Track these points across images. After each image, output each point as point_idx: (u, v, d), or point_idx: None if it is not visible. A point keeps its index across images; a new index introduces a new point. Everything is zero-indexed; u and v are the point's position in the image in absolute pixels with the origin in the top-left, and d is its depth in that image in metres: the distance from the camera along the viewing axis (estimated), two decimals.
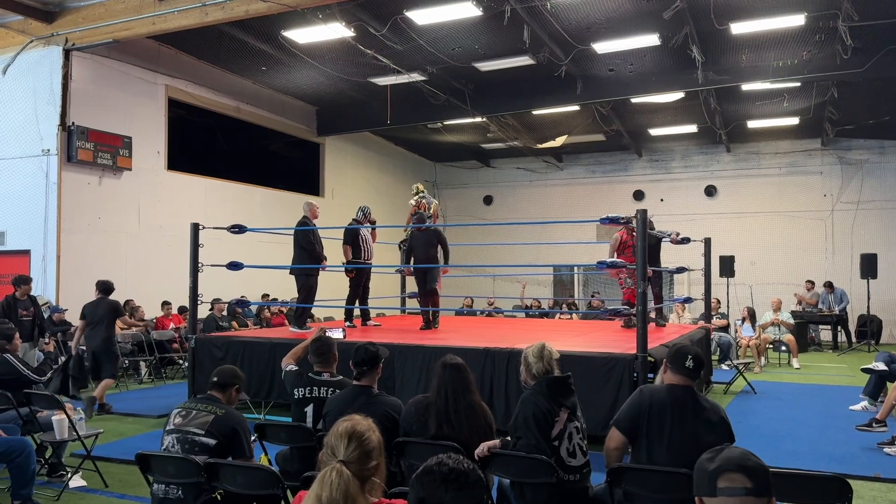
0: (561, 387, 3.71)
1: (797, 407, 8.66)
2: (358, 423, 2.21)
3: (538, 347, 3.81)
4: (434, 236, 9.02)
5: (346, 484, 2.00)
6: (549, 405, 3.61)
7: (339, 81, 13.67)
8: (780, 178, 17.93)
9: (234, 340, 8.34)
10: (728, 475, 1.60)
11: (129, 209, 12.29)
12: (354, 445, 2.13)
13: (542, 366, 3.74)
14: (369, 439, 2.17)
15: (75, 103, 11.28)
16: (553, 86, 13.24)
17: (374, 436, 2.20)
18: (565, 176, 20.34)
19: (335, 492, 1.97)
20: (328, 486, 1.99)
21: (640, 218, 6.54)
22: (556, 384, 3.70)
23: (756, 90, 13.67)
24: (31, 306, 9.02)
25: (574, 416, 3.69)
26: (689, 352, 3.55)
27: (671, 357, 3.58)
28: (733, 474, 1.60)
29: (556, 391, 3.68)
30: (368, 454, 2.14)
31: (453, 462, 1.81)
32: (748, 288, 16.98)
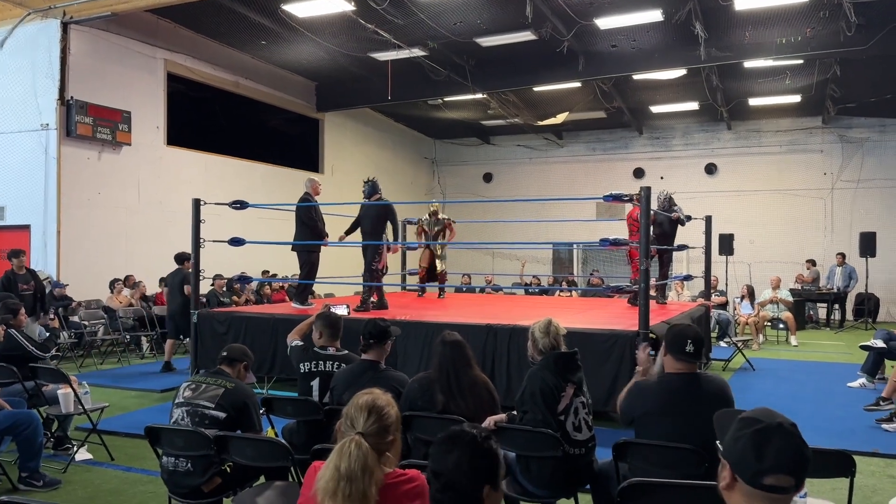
0: (567, 362, 3.74)
1: (795, 383, 8.73)
2: (378, 398, 2.23)
3: (545, 323, 3.83)
4: (384, 211, 8.62)
5: (364, 455, 2.02)
6: (555, 380, 3.64)
7: (339, 56, 13.57)
8: (780, 156, 17.90)
9: (237, 316, 8.36)
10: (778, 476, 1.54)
11: (129, 184, 12.25)
12: (374, 419, 2.15)
13: (549, 341, 3.77)
14: (388, 414, 2.19)
15: (74, 77, 11.20)
16: (555, 62, 13.16)
17: (393, 411, 2.22)
18: (566, 153, 20.28)
19: (353, 463, 2.00)
20: (346, 457, 2.01)
21: (644, 195, 6.55)
22: (562, 360, 3.73)
23: (758, 67, 13.60)
24: (31, 280, 9.00)
25: (580, 391, 3.72)
26: (689, 335, 3.39)
27: (670, 342, 3.43)
28: (784, 476, 1.54)
29: (562, 366, 3.70)
30: (386, 428, 2.16)
31: (469, 428, 1.84)
32: (747, 266, 17.03)
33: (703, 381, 3.39)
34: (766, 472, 1.56)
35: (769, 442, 1.58)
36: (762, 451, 1.57)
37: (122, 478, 5.13)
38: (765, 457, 1.57)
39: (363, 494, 1.97)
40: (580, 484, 3.70)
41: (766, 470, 1.56)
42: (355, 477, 1.98)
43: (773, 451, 1.56)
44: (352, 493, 1.96)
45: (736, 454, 1.61)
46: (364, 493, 1.97)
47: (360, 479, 1.98)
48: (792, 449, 1.57)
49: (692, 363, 3.39)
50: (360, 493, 1.97)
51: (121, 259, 11.93)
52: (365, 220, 8.63)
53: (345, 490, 1.96)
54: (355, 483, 1.97)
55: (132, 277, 11.72)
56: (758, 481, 1.56)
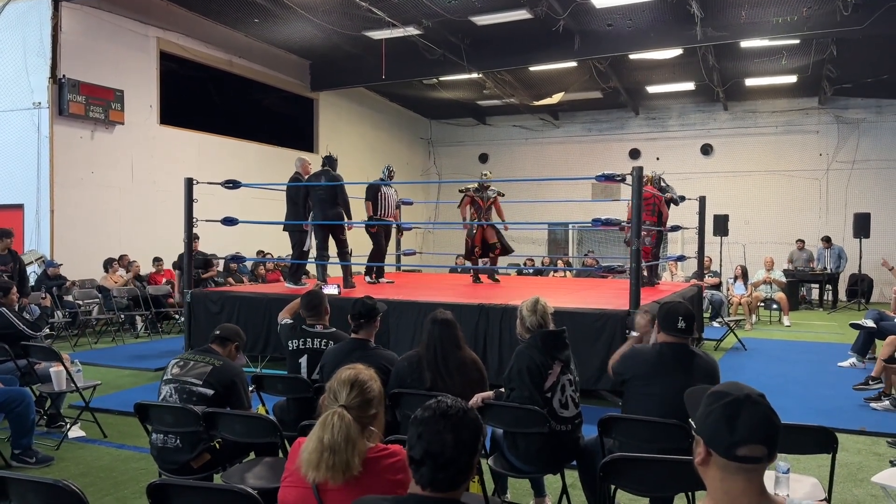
0: (555, 340, 3.76)
1: (786, 363, 8.79)
2: (361, 372, 2.26)
3: (532, 301, 3.86)
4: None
5: (347, 427, 2.06)
6: (542, 358, 3.67)
7: (333, 35, 13.47)
8: (776, 136, 17.87)
9: (230, 295, 8.38)
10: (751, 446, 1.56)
11: (122, 164, 12.20)
12: (356, 393, 2.18)
13: (536, 319, 3.79)
14: (371, 388, 2.22)
15: (66, 55, 11.11)
16: (550, 41, 13.08)
17: (376, 385, 2.25)
18: (561, 134, 20.23)
19: (336, 434, 2.03)
20: (330, 428, 2.05)
21: (636, 175, 6.55)
22: (549, 338, 3.76)
23: (755, 47, 13.54)
24: (10, 261, 8.83)
25: (567, 369, 3.75)
26: (680, 311, 3.55)
27: (662, 318, 3.59)
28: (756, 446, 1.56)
29: (549, 344, 3.73)
30: (369, 402, 2.20)
31: (451, 401, 1.86)
32: (741, 247, 17.07)
33: (695, 355, 3.55)
34: (738, 443, 1.58)
35: (740, 413, 1.60)
36: (734, 423, 1.59)
37: (114, 455, 5.17)
38: (736, 428, 1.59)
39: (346, 464, 2.00)
40: (566, 460, 3.74)
41: (739, 441, 1.58)
42: (338, 448, 2.02)
43: (745, 422, 1.59)
44: (335, 464, 2.00)
45: (708, 428, 1.63)
46: (347, 462, 2.01)
47: (343, 449, 2.02)
48: (762, 418, 1.60)
49: (684, 338, 3.55)
50: (343, 463, 2.00)
51: (114, 238, 11.92)
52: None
53: (328, 461, 2.00)
54: (338, 454, 2.00)
55: (126, 257, 11.71)
56: (731, 453, 1.59)
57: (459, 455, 1.79)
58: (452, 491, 1.81)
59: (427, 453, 1.79)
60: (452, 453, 1.78)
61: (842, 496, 4.46)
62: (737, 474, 1.61)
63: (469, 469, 1.82)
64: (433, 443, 1.79)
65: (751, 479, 1.61)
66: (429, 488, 1.80)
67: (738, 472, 1.60)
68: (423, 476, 1.81)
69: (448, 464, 1.79)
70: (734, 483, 1.61)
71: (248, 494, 2.41)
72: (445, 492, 1.81)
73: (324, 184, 8.39)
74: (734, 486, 1.61)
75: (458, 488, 1.82)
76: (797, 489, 3.29)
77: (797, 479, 3.38)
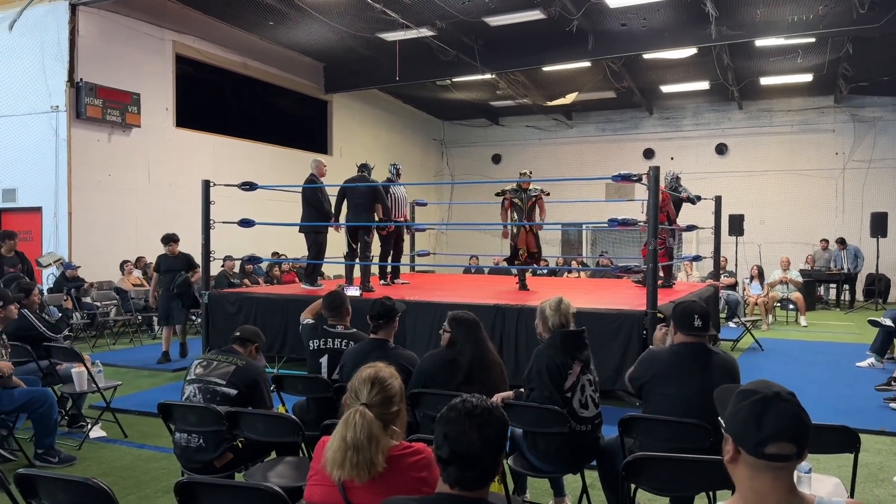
0: (574, 340, 3.77)
1: (804, 363, 8.75)
2: (381, 370, 2.28)
3: (555, 301, 3.85)
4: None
5: (369, 424, 2.08)
6: (562, 358, 3.68)
7: (346, 37, 13.52)
8: (791, 136, 17.76)
9: (248, 296, 8.44)
10: (779, 444, 1.55)
11: (139, 166, 12.31)
12: (377, 390, 2.20)
13: (559, 319, 3.79)
14: (391, 385, 2.24)
15: (83, 59, 11.23)
16: (564, 41, 13.07)
17: (396, 382, 2.27)
18: (575, 134, 20.20)
19: (359, 432, 2.05)
20: (352, 426, 2.07)
21: (653, 175, 6.54)
22: (569, 337, 3.76)
23: (770, 46, 13.47)
24: (18, 263, 8.86)
25: (587, 369, 3.75)
26: (696, 310, 3.52)
27: (678, 318, 3.55)
28: (785, 444, 1.55)
29: (570, 344, 3.74)
30: (390, 399, 2.22)
31: (477, 400, 1.88)
32: (757, 247, 16.97)
33: (712, 354, 3.51)
34: (767, 440, 1.58)
35: (768, 411, 1.60)
36: (761, 420, 1.59)
37: (135, 454, 5.22)
38: (764, 425, 1.59)
39: (370, 462, 2.02)
40: (586, 460, 3.75)
41: (767, 438, 1.58)
42: (361, 446, 2.04)
43: (773, 419, 1.59)
44: (359, 462, 2.02)
45: (737, 426, 1.63)
46: (371, 460, 2.02)
47: (366, 447, 2.04)
48: (790, 416, 1.59)
49: (701, 336, 3.52)
50: (367, 461, 2.02)
51: (131, 240, 12.02)
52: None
53: (352, 459, 2.01)
54: (362, 452, 2.02)
55: (143, 259, 11.81)
56: (760, 451, 1.59)
57: (486, 454, 1.81)
58: (479, 489, 1.83)
59: (454, 453, 1.80)
60: (479, 452, 1.80)
61: (863, 496, 4.43)
62: (765, 472, 1.61)
63: (495, 467, 1.84)
64: (459, 442, 1.80)
65: (779, 476, 1.61)
66: (456, 487, 1.82)
67: (767, 471, 1.61)
68: (450, 475, 1.82)
69: (475, 463, 1.80)
70: (762, 481, 1.61)
71: (274, 492, 2.44)
72: (472, 490, 1.83)
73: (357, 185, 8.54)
74: (763, 485, 1.61)
75: (485, 486, 1.84)
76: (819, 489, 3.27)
77: (819, 479, 3.36)
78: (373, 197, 8.53)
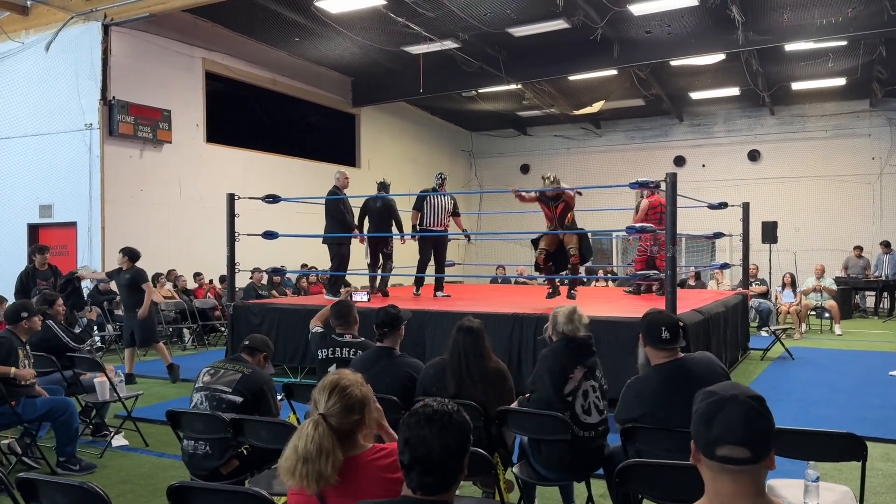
0: (578, 347, 3.75)
1: (835, 372, 8.54)
2: (343, 377, 2.24)
3: (570, 310, 3.83)
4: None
5: (320, 437, 2.05)
6: (564, 362, 3.67)
7: (372, 51, 13.68)
8: (826, 141, 17.41)
9: (271, 307, 8.55)
10: (729, 447, 1.53)
11: (170, 181, 12.57)
12: (335, 399, 2.16)
13: (571, 327, 3.77)
14: (352, 394, 2.18)
15: (115, 78, 11.53)
16: (589, 50, 13.03)
17: (358, 390, 2.22)
18: (604, 143, 20.08)
19: (309, 443, 2.04)
20: (304, 437, 2.06)
21: (670, 182, 6.49)
22: (573, 343, 3.75)
23: (799, 50, 13.25)
24: (51, 276, 9.03)
25: (591, 375, 3.72)
26: (662, 321, 3.35)
27: (645, 333, 3.39)
28: (734, 447, 1.53)
29: (573, 350, 3.73)
30: (350, 408, 2.16)
31: (438, 404, 1.87)
32: (792, 254, 16.62)
33: (690, 366, 3.34)
34: (714, 442, 1.56)
35: (718, 413, 1.58)
36: (710, 422, 1.58)
37: (154, 463, 5.32)
38: (713, 427, 1.57)
39: (319, 474, 2.02)
40: (591, 468, 3.72)
41: (714, 440, 1.56)
42: (310, 457, 2.03)
43: (721, 422, 1.57)
44: (308, 473, 2.01)
45: (693, 427, 1.63)
46: (320, 472, 2.02)
47: (315, 459, 2.02)
48: (740, 418, 1.56)
49: (672, 349, 3.35)
50: (316, 473, 2.02)
51: (163, 254, 12.25)
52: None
53: (301, 470, 2.02)
54: (311, 463, 2.02)
55: (174, 272, 12.05)
56: (710, 452, 1.57)
57: (447, 459, 1.81)
58: (443, 493, 1.84)
59: (414, 458, 1.81)
60: (440, 457, 1.80)
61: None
62: (722, 475, 1.59)
63: (458, 471, 1.84)
64: (419, 448, 1.81)
65: (738, 479, 1.57)
66: (419, 492, 1.83)
67: (723, 473, 1.58)
68: (412, 480, 1.83)
69: (436, 468, 1.81)
70: (723, 484, 1.59)
71: (262, 497, 2.48)
72: (435, 495, 1.83)
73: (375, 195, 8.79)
74: (723, 487, 1.60)
75: (449, 490, 1.84)
76: (827, 498, 3.20)
77: (828, 487, 3.28)
78: (388, 214, 9.00)
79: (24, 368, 5.07)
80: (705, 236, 10.55)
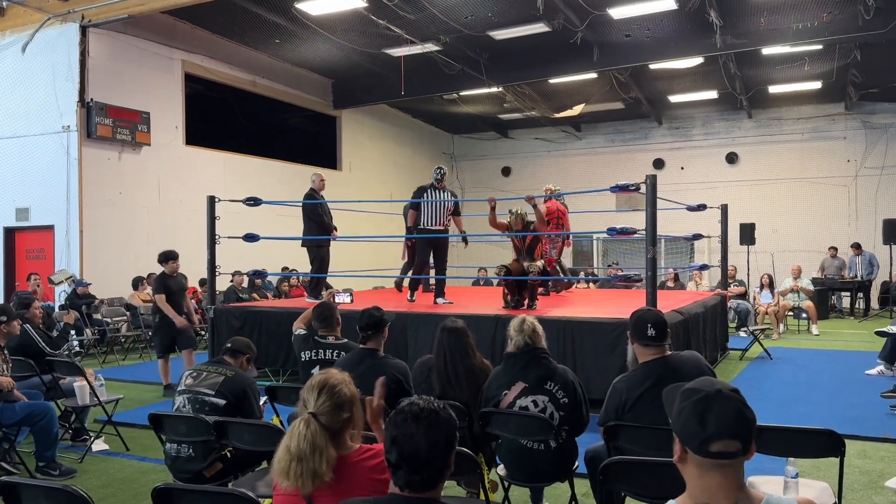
0: (517, 360, 3.73)
1: (813, 371, 8.67)
2: (331, 377, 2.26)
3: (518, 321, 3.80)
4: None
5: (312, 435, 2.07)
6: (504, 378, 3.70)
7: (353, 53, 13.67)
8: (802, 143, 17.66)
9: (252, 310, 8.51)
10: (724, 441, 1.57)
11: (149, 184, 12.47)
12: (325, 398, 2.18)
13: (522, 339, 3.74)
14: (341, 392, 2.21)
15: (93, 80, 11.43)
16: (569, 53, 13.12)
17: (347, 389, 2.25)
18: (584, 146, 20.22)
19: (302, 442, 2.05)
20: (296, 436, 2.07)
21: (650, 184, 6.56)
22: (512, 358, 3.75)
23: (776, 54, 13.43)
24: None
25: (537, 389, 3.64)
26: (649, 318, 3.39)
27: (633, 329, 3.44)
28: (729, 441, 1.57)
29: (512, 365, 3.73)
30: (339, 406, 2.19)
31: (424, 402, 1.89)
32: (770, 256, 16.85)
33: (677, 364, 3.37)
34: (710, 438, 1.60)
35: (711, 409, 1.62)
36: (704, 419, 1.61)
37: (135, 467, 5.28)
38: (708, 424, 1.61)
39: (314, 472, 2.03)
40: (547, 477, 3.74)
41: (711, 436, 1.60)
42: (304, 456, 2.04)
43: (715, 417, 1.61)
44: (303, 472, 2.02)
45: (681, 426, 1.66)
46: (315, 471, 2.03)
47: (309, 458, 2.04)
48: (733, 413, 1.62)
49: (660, 346, 3.39)
50: (311, 472, 2.03)
51: (142, 257, 12.12)
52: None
53: (295, 470, 2.03)
54: (305, 462, 2.03)
55: (153, 275, 11.92)
56: (705, 449, 1.61)
57: (434, 457, 1.83)
58: (430, 490, 1.85)
59: (401, 456, 1.83)
60: (426, 455, 1.82)
61: (860, 503, 4.39)
62: (712, 470, 1.63)
63: (445, 468, 1.86)
64: (406, 446, 1.82)
65: (726, 473, 1.62)
66: (406, 490, 1.84)
67: (714, 468, 1.63)
68: (399, 478, 1.85)
69: (423, 466, 1.82)
70: (710, 479, 1.63)
71: (249, 498, 2.48)
72: (423, 492, 1.85)
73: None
74: (711, 482, 1.63)
75: (436, 487, 1.86)
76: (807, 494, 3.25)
77: (807, 483, 3.35)
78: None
79: (3, 375, 5.01)
80: (684, 238, 10.64)
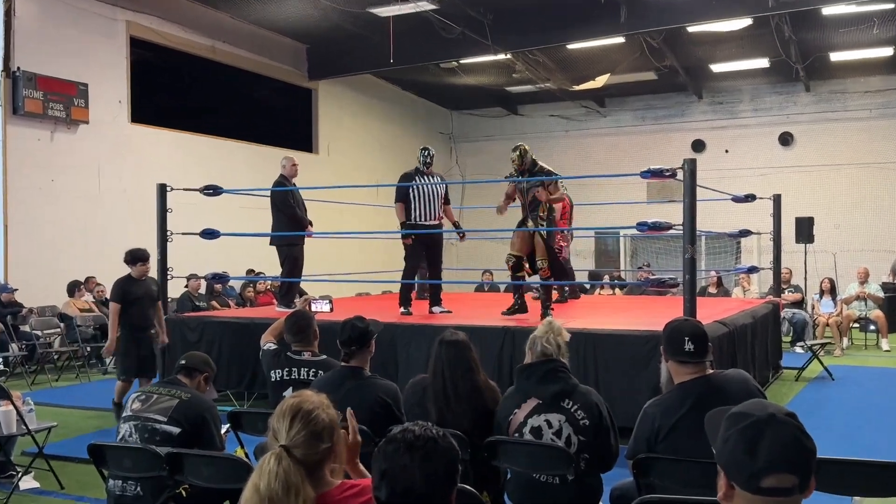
0: (534, 372, 3.78)
1: (881, 394, 8.74)
2: (306, 400, 2.22)
3: (546, 323, 3.89)
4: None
5: (285, 472, 2.02)
6: (516, 394, 3.77)
7: (332, 12, 13.66)
8: (870, 122, 17.71)
9: (211, 321, 8.54)
10: (777, 476, 1.54)
11: (88, 169, 12.49)
12: (299, 426, 2.13)
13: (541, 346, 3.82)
14: (318, 418, 2.17)
15: (20, 45, 11.44)
16: (591, 13, 13.16)
17: (325, 414, 2.20)
18: (609, 124, 20.27)
19: (273, 481, 2.00)
20: (266, 474, 2.02)
21: (688, 170, 6.58)
22: (526, 370, 3.81)
23: (839, 14, 13.45)
24: None
25: (553, 407, 3.68)
26: (686, 330, 3.37)
27: (667, 343, 3.41)
28: (784, 475, 1.54)
29: (524, 379, 3.80)
30: (317, 435, 2.14)
31: (420, 429, 1.89)
32: (831, 256, 16.85)
33: (720, 384, 3.35)
34: (762, 472, 1.58)
35: (762, 437, 1.59)
36: (755, 449, 1.58)
37: None
38: (758, 454, 1.58)
39: None
40: None
41: (762, 469, 1.57)
42: (276, 497, 1.99)
43: (768, 447, 1.58)
44: None
45: (727, 457, 1.63)
46: None
47: (282, 499, 2.00)
48: (789, 441, 1.59)
49: (699, 364, 3.36)
50: None
51: (79, 258, 12.14)
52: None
53: None
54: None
55: (93, 280, 11.94)
56: (755, 484, 1.58)
57: (431, 494, 1.82)
58: None
59: (394, 493, 1.81)
60: (423, 491, 1.81)
61: None
62: None
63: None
64: (399, 481, 1.81)
65: None
66: None
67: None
68: None
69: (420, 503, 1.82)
70: None
71: None
72: None
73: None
74: None
75: None
76: None
77: None
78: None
79: None
80: (729, 235, 10.66)
